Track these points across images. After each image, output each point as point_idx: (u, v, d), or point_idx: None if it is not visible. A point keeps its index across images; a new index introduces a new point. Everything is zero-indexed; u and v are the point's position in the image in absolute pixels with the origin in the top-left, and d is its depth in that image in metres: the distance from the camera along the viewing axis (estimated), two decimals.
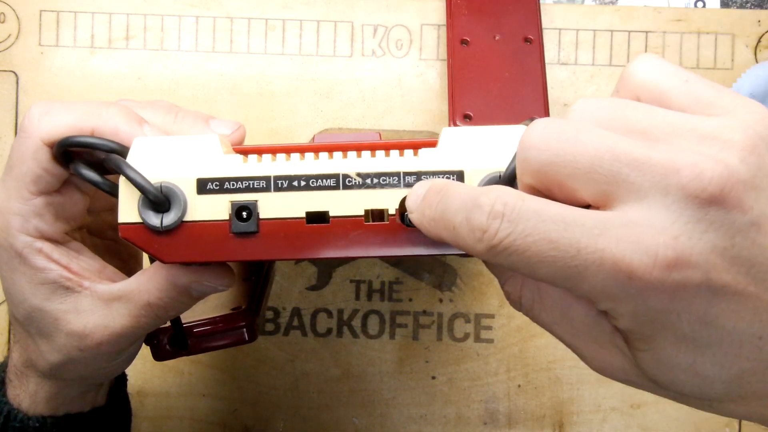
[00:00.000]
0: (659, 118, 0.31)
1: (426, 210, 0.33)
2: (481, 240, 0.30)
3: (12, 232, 0.42)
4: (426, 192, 0.34)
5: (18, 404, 0.47)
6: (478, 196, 0.31)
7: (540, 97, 0.58)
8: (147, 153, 0.38)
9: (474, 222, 0.31)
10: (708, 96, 0.31)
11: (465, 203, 0.31)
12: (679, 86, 0.32)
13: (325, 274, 0.65)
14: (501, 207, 0.30)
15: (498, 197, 0.30)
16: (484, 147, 0.37)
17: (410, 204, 0.34)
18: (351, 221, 0.37)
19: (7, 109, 0.64)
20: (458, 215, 0.31)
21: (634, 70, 0.33)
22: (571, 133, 0.30)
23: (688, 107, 0.31)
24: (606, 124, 0.31)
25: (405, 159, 0.37)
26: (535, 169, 0.31)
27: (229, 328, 0.49)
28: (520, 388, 0.64)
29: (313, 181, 0.37)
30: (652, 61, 0.33)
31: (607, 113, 0.31)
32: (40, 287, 0.43)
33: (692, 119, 0.30)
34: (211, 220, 0.38)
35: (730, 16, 0.65)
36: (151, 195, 0.37)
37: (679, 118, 0.31)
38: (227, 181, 0.37)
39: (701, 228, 0.28)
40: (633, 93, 0.33)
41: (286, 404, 0.65)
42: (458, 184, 0.33)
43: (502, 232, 0.30)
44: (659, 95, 0.32)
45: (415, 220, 0.34)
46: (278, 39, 0.65)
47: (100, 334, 0.43)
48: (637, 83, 0.33)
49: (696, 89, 0.32)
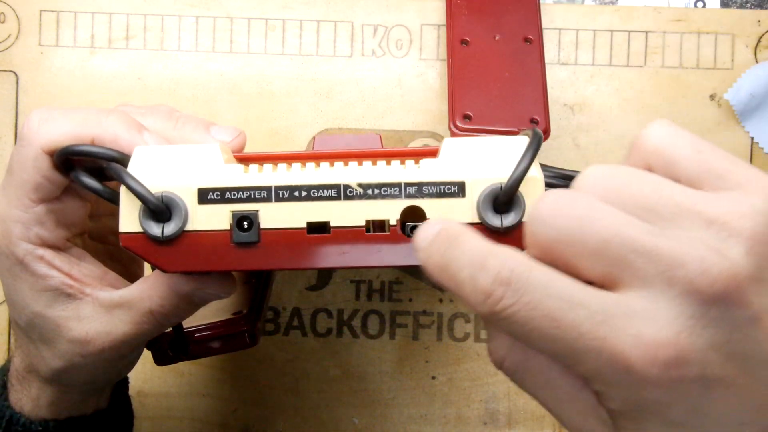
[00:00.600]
0: (666, 197, 0.30)
1: (433, 254, 0.32)
2: (484, 303, 0.30)
3: (13, 240, 0.42)
4: (436, 235, 0.33)
5: (20, 408, 0.48)
6: (487, 257, 0.30)
7: (540, 97, 0.58)
8: (148, 162, 0.38)
9: (479, 283, 0.30)
10: (720, 168, 0.31)
11: (473, 261, 0.31)
12: (691, 155, 0.32)
13: (325, 275, 0.65)
14: (508, 274, 0.30)
15: (506, 262, 0.30)
16: (485, 157, 0.37)
17: (418, 242, 0.33)
18: (352, 232, 0.37)
19: (7, 109, 0.64)
20: (464, 271, 0.31)
21: (646, 136, 0.33)
22: (580, 212, 0.30)
23: (698, 178, 0.31)
24: (615, 198, 0.31)
25: (406, 169, 0.37)
26: (542, 244, 0.31)
27: (230, 333, 0.49)
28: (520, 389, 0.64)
29: (314, 191, 0.37)
30: (665, 129, 0.32)
31: (616, 185, 0.31)
32: (42, 294, 0.43)
33: (700, 200, 0.30)
34: (212, 230, 0.38)
35: (730, 16, 0.65)
36: (152, 205, 0.37)
37: (687, 197, 0.30)
38: (228, 191, 0.37)
39: (702, 324, 0.28)
40: (644, 160, 0.33)
41: (286, 404, 0.65)
42: (471, 234, 0.32)
43: (506, 300, 0.29)
44: (670, 164, 0.32)
45: (421, 260, 0.33)
46: (278, 39, 0.65)
47: (102, 340, 0.43)
48: (649, 150, 0.32)
49: (708, 159, 0.31)
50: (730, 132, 0.64)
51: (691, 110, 0.64)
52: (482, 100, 0.58)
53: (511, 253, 0.30)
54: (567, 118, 0.64)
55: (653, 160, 0.32)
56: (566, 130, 0.64)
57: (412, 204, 0.37)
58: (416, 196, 0.37)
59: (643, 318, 0.29)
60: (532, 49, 0.60)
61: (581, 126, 0.64)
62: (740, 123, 0.64)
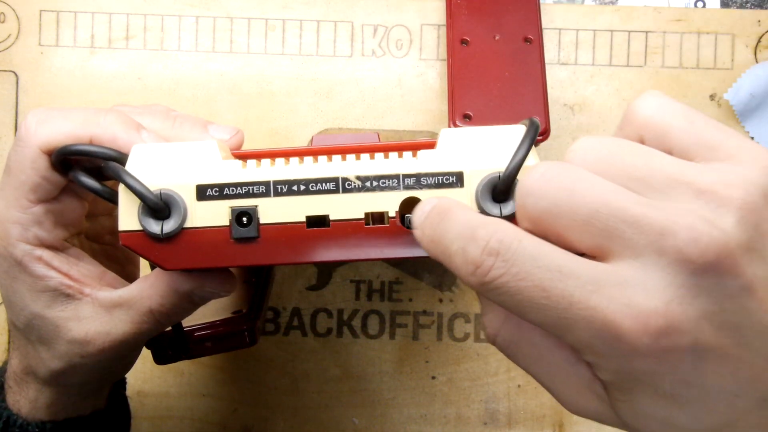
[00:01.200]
0: (657, 167, 0.30)
1: (427, 229, 0.33)
2: (474, 274, 0.30)
3: (11, 241, 0.42)
4: (430, 210, 0.33)
5: (18, 410, 0.47)
6: (476, 228, 0.30)
7: (540, 97, 0.58)
8: (146, 160, 0.38)
9: (468, 254, 0.30)
10: (712, 139, 0.31)
11: (463, 232, 0.31)
12: (683, 126, 0.32)
13: (325, 274, 0.65)
14: (496, 244, 0.30)
15: (495, 233, 0.30)
16: (483, 147, 0.37)
17: (414, 219, 0.34)
18: (351, 225, 0.37)
19: (7, 109, 0.64)
20: (455, 243, 0.31)
21: (638, 107, 0.33)
22: (569, 183, 0.30)
23: (690, 149, 0.31)
24: (604, 169, 0.31)
25: (404, 161, 0.37)
26: (532, 216, 0.31)
27: (230, 332, 0.49)
28: (520, 388, 0.64)
29: (313, 185, 0.37)
30: (657, 99, 0.32)
31: (606, 156, 0.31)
32: (41, 295, 0.43)
33: (691, 170, 0.30)
34: (211, 227, 0.38)
35: (730, 16, 0.65)
36: (151, 202, 0.37)
37: (678, 168, 0.30)
38: (227, 187, 0.37)
39: (693, 293, 0.28)
40: (636, 131, 0.33)
41: (286, 404, 0.65)
42: (462, 208, 0.32)
43: (495, 271, 0.30)
44: (662, 135, 0.32)
45: (417, 236, 0.34)
46: (278, 39, 0.65)
47: (102, 340, 0.43)
48: (641, 121, 0.33)
49: (700, 131, 0.31)
50: None
51: None
52: (482, 100, 0.58)
53: (500, 224, 0.30)
54: (567, 118, 0.64)
55: (645, 131, 0.32)
56: (566, 130, 0.64)
57: (410, 195, 0.37)
58: (415, 187, 0.37)
59: (634, 287, 0.29)
60: (532, 49, 0.60)
61: (581, 126, 0.64)
62: (740, 123, 0.64)
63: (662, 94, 0.33)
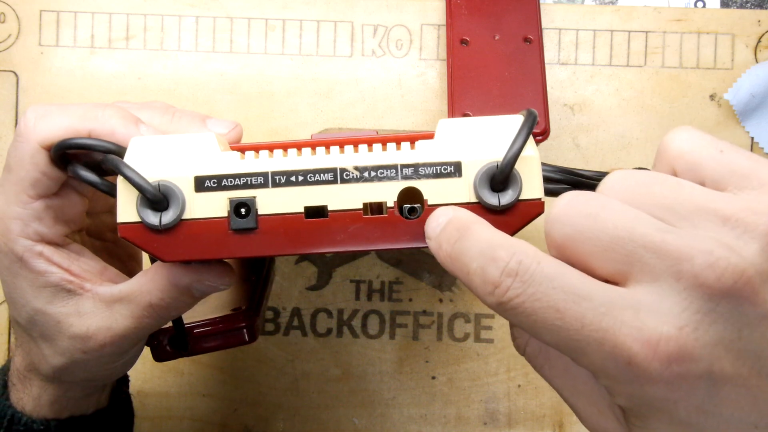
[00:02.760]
0: (685, 196, 0.30)
1: (444, 244, 0.33)
2: (492, 294, 0.30)
3: (12, 237, 0.42)
4: (447, 223, 0.33)
5: (21, 408, 0.47)
6: (496, 249, 0.31)
7: (540, 97, 0.58)
8: (144, 152, 0.38)
9: (488, 275, 0.31)
10: (743, 167, 0.31)
11: (483, 252, 0.31)
12: (714, 156, 0.31)
13: (325, 274, 0.65)
14: (516, 265, 0.30)
15: (515, 254, 0.30)
16: (480, 137, 0.37)
17: (429, 231, 0.34)
18: (350, 215, 0.37)
19: (7, 109, 0.64)
20: (474, 262, 0.31)
21: (669, 141, 0.33)
22: (594, 210, 0.30)
23: (722, 179, 0.31)
24: (633, 198, 0.31)
25: (402, 151, 0.37)
26: (557, 242, 0.31)
27: (229, 329, 0.49)
28: (520, 388, 0.64)
29: (311, 175, 0.37)
30: (687, 132, 0.33)
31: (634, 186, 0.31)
32: (42, 291, 0.43)
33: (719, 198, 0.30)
34: (209, 218, 0.37)
35: (730, 16, 0.65)
36: (149, 194, 0.37)
37: (705, 196, 0.30)
38: (225, 178, 0.37)
39: (709, 320, 0.28)
40: (669, 165, 0.33)
41: (286, 404, 0.65)
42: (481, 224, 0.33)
43: (513, 291, 0.30)
44: (694, 167, 0.32)
45: (432, 248, 0.34)
46: (278, 39, 0.65)
47: (103, 335, 0.43)
48: (672, 154, 0.33)
49: (730, 160, 0.31)
50: (730, 132, 0.64)
51: (691, 110, 0.64)
52: (482, 100, 0.58)
53: (520, 244, 0.31)
54: (567, 118, 0.64)
55: (677, 164, 0.32)
56: (566, 130, 0.64)
57: (409, 185, 0.37)
58: (413, 177, 0.37)
59: (648, 311, 0.28)
60: (532, 49, 0.60)
61: (581, 126, 0.64)
62: (740, 123, 0.64)
63: (693, 128, 0.33)
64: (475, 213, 0.34)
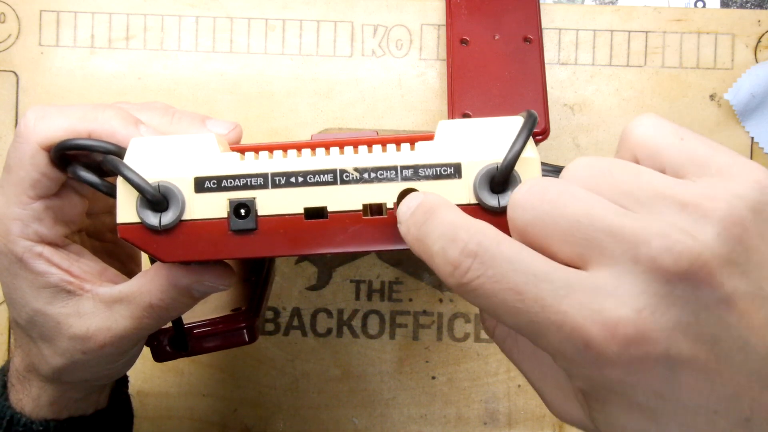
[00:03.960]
0: (644, 182, 0.31)
1: (412, 227, 0.33)
2: (452, 275, 0.31)
3: (12, 238, 0.42)
4: (416, 207, 0.33)
5: (21, 408, 0.47)
6: (458, 230, 0.31)
7: (540, 97, 0.58)
8: (144, 153, 0.38)
9: (448, 255, 0.31)
10: (702, 155, 0.31)
11: (445, 233, 0.31)
12: (674, 143, 0.32)
13: (325, 274, 0.65)
14: (475, 246, 0.30)
15: (474, 235, 0.30)
16: (480, 139, 0.37)
17: (400, 215, 0.34)
18: (349, 216, 0.37)
19: (7, 109, 0.64)
20: (437, 243, 0.31)
21: (631, 128, 0.33)
22: (554, 195, 0.30)
23: (682, 167, 0.31)
24: (594, 185, 0.31)
25: (402, 153, 0.37)
26: (519, 227, 0.31)
27: (229, 329, 0.49)
28: (520, 388, 0.64)
29: (311, 177, 0.37)
30: (649, 120, 0.33)
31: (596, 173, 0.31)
32: (42, 291, 0.43)
33: (677, 185, 0.30)
34: (209, 219, 0.37)
35: (730, 16, 0.65)
36: (149, 195, 0.37)
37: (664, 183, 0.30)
38: (225, 179, 0.37)
39: (666, 303, 0.28)
40: (631, 152, 0.33)
41: (286, 404, 0.65)
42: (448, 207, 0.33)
43: (472, 272, 0.30)
44: (654, 154, 0.32)
45: (402, 232, 0.34)
46: (278, 39, 0.65)
47: (103, 336, 0.43)
48: (634, 142, 0.33)
49: (690, 148, 0.32)
50: (730, 132, 0.64)
51: (691, 110, 0.64)
52: (482, 100, 0.58)
53: (481, 226, 0.31)
54: (567, 118, 0.64)
55: (639, 151, 0.33)
56: (566, 130, 0.64)
57: (408, 186, 0.37)
58: (413, 178, 0.37)
59: (606, 294, 0.29)
60: (532, 48, 0.60)
61: (581, 126, 0.64)
62: (740, 123, 0.64)
63: (656, 116, 0.33)
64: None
